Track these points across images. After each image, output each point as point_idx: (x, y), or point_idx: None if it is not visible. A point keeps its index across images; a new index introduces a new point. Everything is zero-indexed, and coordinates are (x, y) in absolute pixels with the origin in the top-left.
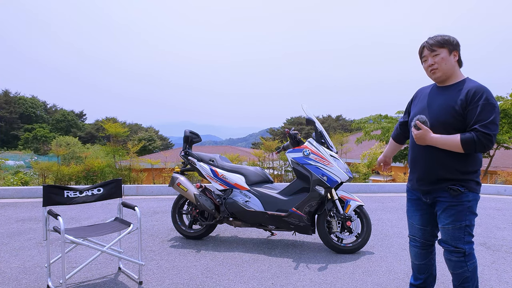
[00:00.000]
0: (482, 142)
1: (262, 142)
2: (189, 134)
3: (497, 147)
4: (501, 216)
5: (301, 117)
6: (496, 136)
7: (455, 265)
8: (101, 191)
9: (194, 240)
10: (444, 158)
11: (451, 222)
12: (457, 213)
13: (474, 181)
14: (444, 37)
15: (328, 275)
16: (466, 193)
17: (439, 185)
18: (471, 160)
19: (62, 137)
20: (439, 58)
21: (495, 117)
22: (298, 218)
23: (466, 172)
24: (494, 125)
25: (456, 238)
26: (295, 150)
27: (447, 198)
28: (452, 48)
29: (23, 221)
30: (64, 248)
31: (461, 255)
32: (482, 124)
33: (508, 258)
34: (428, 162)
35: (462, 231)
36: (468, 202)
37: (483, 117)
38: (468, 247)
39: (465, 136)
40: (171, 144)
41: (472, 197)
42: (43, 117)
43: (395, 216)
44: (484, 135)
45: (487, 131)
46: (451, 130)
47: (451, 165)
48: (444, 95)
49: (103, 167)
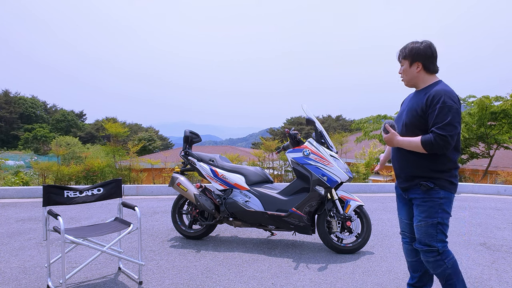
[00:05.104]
0: (438, 143)
1: (262, 142)
2: (189, 134)
3: (497, 147)
4: (501, 216)
5: (301, 117)
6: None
7: (434, 265)
8: (101, 191)
9: (194, 240)
10: (415, 157)
11: (423, 219)
12: (429, 209)
13: (446, 180)
14: (410, 49)
15: (328, 275)
16: (437, 190)
17: (413, 182)
18: (442, 159)
19: (62, 137)
20: (402, 69)
21: (452, 119)
22: (298, 218)
23: (437, 171)
24: (450, 126)
25: (428, 235)
26: (295, 150)
27: (420, 194)
28: (413, 60)
29: (23, 221)
30: (64, 248)
31: (436, 253)
32: (438, 126)
33: (508, 258)
34: (402, 161)
35: (434, 228)
36: (439, 199)
37: (439, 119)
38: (441, 245)
39: (424, 138)
40: (171, 144)
41: (443, 195)
42: (43, 117)
43: (395, 216)
44: (440, 136)
45: (443, 133)
46: (417, 131)
47: (421, 163)
48: (414, 99)
49: (103, 167)
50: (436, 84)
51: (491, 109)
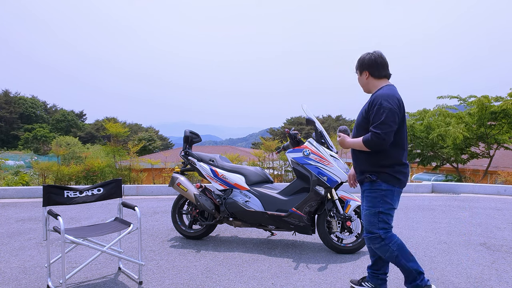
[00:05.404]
0: (374, 140)
1: (262, 142)
2: (189, 134)
3: (497, 147)
4: (501, 216)
5: (301, 117)
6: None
7: (381, 251)
8: (101, 191)
9: (194, 240)
10: (363, 155)
11: (367, 208)
12: (372, 199)
13: (389, 174)
14: (358, 60)
15: (328, 275)
16: (379, 183)
17: (363, 176)
18: (383, 155)
19: (62, 137)
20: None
21: (385, 118)
22: (298, 218)
23: (380, 166)
24: (384, 125)
25: (371, 223)
26: (295, 150)
27: (367, 186)
28: (362, 69)
29: (23, 221)
30: (64, 248)
31: (379, 240)
32: (374, 125)
33: (508, 258)
34: (355, 159)
35: (376, 217)
36: (381, 191)
37: (376, 119)
38: (383, 232)
39: (364, 137)
40: (171, 144)
41: (385, 187)
42: (43, 117)
43: (395, 216)
44: (375, 134)
45: (377, 131)
46: (363, 132)
47: (368, 160)
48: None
49: (103, 167)
50: (381, 88)
51: (491, 109)
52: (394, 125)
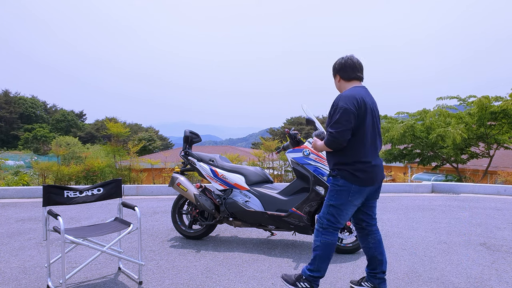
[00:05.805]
0: (329, 139)
1: (262, 142)
2: (189, 134)
3: (497, 147)
4: (501, 216)
5: (301, 117)
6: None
7: (315, 233)
8: (101, 191)
9: (194, 240)
10: (330, 154)
11: (325, 199)
12: (329, 192)
13: (348, 171)
14: (332, 66)
15: (328, 275)
16: (338, 179)
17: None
18: (341, 153)
19: (62, 137)
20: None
21: (339, 118)
22: (298, 218)
23: (340, 163)
24: (337, 124)
25: (322, 212)
26: (295, 150)
27: (329, 181)
28: (334, 74)
29: (23, 221)
30: (64, 248)
31: (320, 225)
32: (330, 125)
33: (508, 258)
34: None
35: (326, 207)
36: (337, 186)
37: (331, 120)
38: (327, 223)
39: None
40: (171, 144)
41: (342, 183)
42: (43, 117)
43: (395, 216)
44: (329, 133)
45: (331, 130)
46: None
47: (332, 158)
48: None
49: (103, 167)
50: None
51: (491, 109)
52: (349, 124)
